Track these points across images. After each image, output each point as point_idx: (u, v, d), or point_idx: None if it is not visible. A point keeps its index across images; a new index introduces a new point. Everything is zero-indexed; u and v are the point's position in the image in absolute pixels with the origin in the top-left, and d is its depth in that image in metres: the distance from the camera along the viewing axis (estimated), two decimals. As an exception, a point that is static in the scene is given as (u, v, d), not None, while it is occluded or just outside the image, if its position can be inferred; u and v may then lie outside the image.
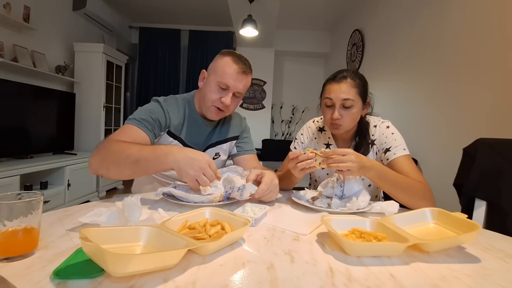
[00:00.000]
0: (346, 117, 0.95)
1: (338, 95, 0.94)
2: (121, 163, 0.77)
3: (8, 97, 2.44)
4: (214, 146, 1.10)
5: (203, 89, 1.00)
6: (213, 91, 0.96)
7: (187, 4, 3.99)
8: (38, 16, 2.91)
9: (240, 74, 0.95)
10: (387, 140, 0.99)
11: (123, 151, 0.77)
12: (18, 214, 0.43)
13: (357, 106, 0.96)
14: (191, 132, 1.03)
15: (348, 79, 0.95)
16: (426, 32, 2.12)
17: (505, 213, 0.89)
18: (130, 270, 0.38)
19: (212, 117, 1.01)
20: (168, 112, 0.98)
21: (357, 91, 0.95)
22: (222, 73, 0.95)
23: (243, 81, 0.97)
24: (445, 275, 0.45)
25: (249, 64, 0.99)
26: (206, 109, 0.99)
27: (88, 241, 0.38)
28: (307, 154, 0.83)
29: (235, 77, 0.95)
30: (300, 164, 0.83)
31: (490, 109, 1.50)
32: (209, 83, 0.98)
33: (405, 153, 0.95)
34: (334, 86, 0.96)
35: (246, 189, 0.78)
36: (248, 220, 0.56)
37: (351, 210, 0.77)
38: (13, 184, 2.23)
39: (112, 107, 3.77)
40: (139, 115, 0.93)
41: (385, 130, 1.01)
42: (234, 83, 0.95)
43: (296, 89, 5.01)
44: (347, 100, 0.93)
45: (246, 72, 0.97)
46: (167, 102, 1.01)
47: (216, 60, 0.99)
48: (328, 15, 4.06)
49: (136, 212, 0.56)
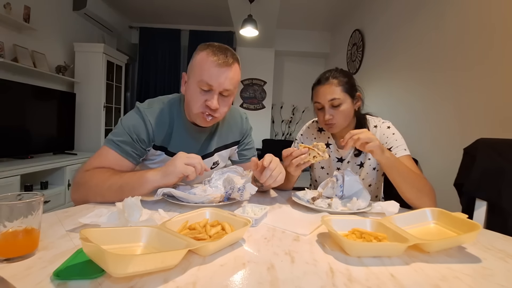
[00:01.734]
0: (337, 115, 0.97)
1: (324, 97, 0.97)
2: (105, 195, 0.74)
3: (9, 97, 2.44)
4: (211, 155, 0.99)
5: (186, 95, 0.86)
6: (196, 96, 0.81)
7: (187, 4, 3.99)
8: (38, 16, 2.91)
9: (221, 67, 0.78)
10: (388, 140, 0.99)
11: (103, 183, 0.74)
12: (19, 215, 0.43)
13: (346, 103, 0.97)
14: (181, 142, 0.91)
15: (331, 79, 0.97)
16: (426, 32, 2.12)
17: (505, 213, 0.89)
18: (131, 270, 0.38)
19: (203, 125, 0.88)
20: (151, 125, 0.85)
21: (342, 89, 0.96)
22: (200, 71, 0.79)
23: (227, 74, 0.79)
24: (446, 275, 0.45)
25: (231, 53, 0.82)
26: (195, 117, 0.86)
27: (89, 242, 0.38)
28: (300, 150, 0.84)
29: (215, 73, 0.78)
30: (295, 160, 0.83)
31: (490, 109, 1.50)
32: (189, 86, 0.83)
33: (406, 153, 0.96)
34: (319, 89, 0.99)
35: (246, 190, 0.78)
36: (248, 221, 0.56)
37: (352, 210, 0.77)
38: (14, 184, 2.23)
39: (112, 107, 3.78)
40: (117, 135, 0.83)
41: (386, 131, 1.01)
42: (216, 81, 0.79)
43: (296, 89, 5.01)
44: (334, 100, 0.96)
45: (228, 62, 0.79)
46: (151, 110, 0.87)
47: (193, 57, 0.83)
48: (328, 15, 4.05)
49: (136, 212, 0.56)
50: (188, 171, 0.74)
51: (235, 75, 0.83)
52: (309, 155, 0.84)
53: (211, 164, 1.02)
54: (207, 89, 0.80)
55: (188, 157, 0.75)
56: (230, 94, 0.84)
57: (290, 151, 0.85)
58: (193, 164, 0.75)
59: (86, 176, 0.77)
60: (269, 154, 0.83)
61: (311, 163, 0.85)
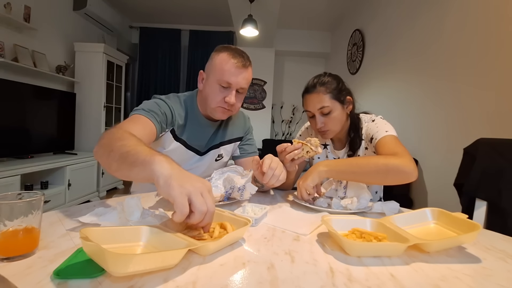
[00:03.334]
0: (329, 122, 0.96)
1: (313, 106, 0.96)
2: (112, 151, 0.63)
3: (9, 97, 2.44)
4: (217, 147, 1.07)
5: (204, 91, 0.96)
6: (215, 92, 0.92)
7: (188, 4, 3.99)
8: (38, 16, 2.91)
9: (239, 69, 0.91)
10: (370, 130, 0.98)
11: (119, 140, 0.65)
12: (19, 214, 0.43)
13: (336, 109, 0.96)
14: (193, 133, 1.00)
15: (318, 86, 0.96)
16: (426, 32, 2.12)
17: (505, 213, 0.89)
18: (131, 270, 0.38)
19: (220, 118, 0.98)
20: (173, 110, 0.95)
21: (330, 96, 0.95)
22: (220, 71, 0.90)
23: (244, 75, 0.92)
24: (446, 275, 0.45)
25: (247, 56, 0.95)
26: (212, 111, 0.96)
27: (89, 241, 0.38)
28: (294, 145, 0.85)
29: (235, 73, 0.90)
30: (288, 155, 0.85)
31: (490, 109, 1.50)
32: (209, 83, 0.94)
33: (387, 134, 0.91)
34: (308, 98, 0.99)
35: (246, 189, 0.78)
36: (249, 220, 0.56)
37: (352, 210, 0.77)
38: (14, 184, 2.23)
39: (112, 107, 3.78)
40: (147, 106, 0.89)
41: (370, 124, 1.00)
42: (236, 79, 0.91)
43: (297, 89, 4.98)
44: (323, 108, 0.95)
45: (246, 65, 0.92)
46: (170, 100, 0.97)
47: (213, 58, 0.95)
48: (329, 15, 4.06)
49: (136, 212, 0.56)
50: (198, 205, 0.49)
51: (250, 76, 0.96)
52: (302, 150, 0.85)
53: (216, 156, 1.08)
54: (226, 86, 0.91)
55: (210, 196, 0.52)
56: (244, 92, 0.97)
57: (284, 147, 0.87)
58: (210, 209, 0.50)
59: (114, 129, 0.73)
60: (269, 155, 0.84)
61: (305, 158, 0.86)
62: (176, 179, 0.50)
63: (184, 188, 0.49)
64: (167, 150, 0.98)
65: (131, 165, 0.58)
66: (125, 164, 0.59)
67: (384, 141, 0.90)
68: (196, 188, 0.50)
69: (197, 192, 0.50)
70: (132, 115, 0.87)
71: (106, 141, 0.69)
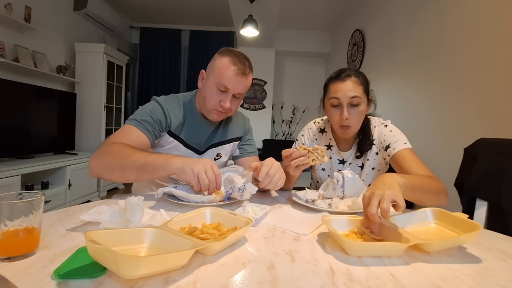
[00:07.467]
0: (354, 116, 0.94)
1: (345, 94, 0.92)
2: (126, 168, 0.77)
3: (9, 97, 2.45)
4: (216, 146, 1.08)
5: (203, 91, 0.97)
6: (212, 94, 0.93)
7: (188, 4, 4.00)
8: (39, 16, 2.91)
9: (239, 76, 0.91)
10: (386, 137, 0.98)
11: (128, 157, 0.77)
12: (19, 214, 0.43)
13: (364, 104, 0.95)
14: (192, 132, 1.01)
15: (353, 77, 0.94)
16: (426, 32, 2.11)
17: (506, 213, 0.89)
18: (142, 272, 0.37)
19: (214, 119, 0.99)
20: (168, 112, 0.96)
21: (362, 88, 0.94)
22: (220, 75, 0.91)
23: (243, 82, 0.93)
24: (446, 275, 0.45)
25: (248, 63, 0.95)
26: (207, 112, 0.97)
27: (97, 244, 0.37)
28: (300, 151, 0.83)
29: (234, 79, 0.91)
30: (294, 161, 0.83)
31: (491, 109, 1.50)
32: (208, 85, 0.95)
33: (407, 147, 0.92)
34: (339, 85, 0.94)
35: (246, 189, 0.78)
36: (250, 220, 0.56)
37: (352, 210, 0.77)
38: (14, 184, 2.24)
39: (113, 107, 3.78)
40: (139, 116, 0.91)
41: (383, 129, 1.00)
42: (233, 86, 0.91)
43: (297, 89, 5.01)
44: (354, 98, 0.92)
45: (246, 72, 0.93)
46: (167, 101, 0.98)
47: (215, 60, 0.95)
48: (329, 15, 4.05)
49: (138, 212, 0.56)
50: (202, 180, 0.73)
51: (248, 83, 0.96)
52: (308, 157, 0.83)
53: (215, 155, 1.09)
54: (223, 90, 0.92)
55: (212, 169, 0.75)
56: (241, 97, 0.98)
57: (289, 152, 0.85)
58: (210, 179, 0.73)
59: (114, 147, 0.81)
60: (270, 159, 0.83)
61: (310, 165, 0.85)
62: (187, 167, 0.74)
63: (193, 171, 0.73)
64: (166, 148, 0.99)
65: (153, 171, 0.77)
66: (146, 173, 0.77)
67: (405, 155, 0.89)
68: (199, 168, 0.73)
69: (201, 171, 0.73)
70: (126, 124, 0.91)
71: (111, 162, 0.79)
